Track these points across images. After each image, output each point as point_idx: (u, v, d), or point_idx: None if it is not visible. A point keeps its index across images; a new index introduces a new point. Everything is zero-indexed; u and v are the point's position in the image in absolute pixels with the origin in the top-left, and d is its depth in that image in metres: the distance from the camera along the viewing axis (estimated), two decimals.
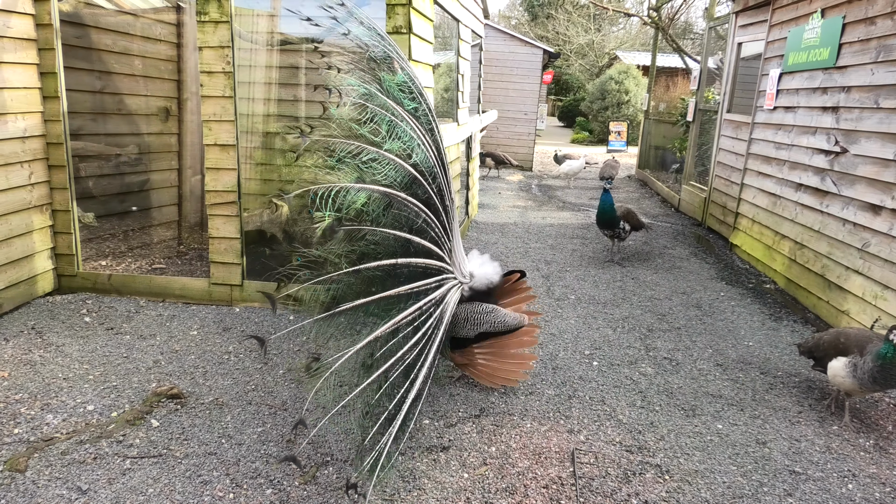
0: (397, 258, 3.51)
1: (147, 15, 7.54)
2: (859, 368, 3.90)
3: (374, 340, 3.32)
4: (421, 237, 3.67)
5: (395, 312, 3.48)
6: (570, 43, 35.11)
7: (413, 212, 3.61)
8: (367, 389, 3.21)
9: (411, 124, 3.71)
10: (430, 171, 3.78)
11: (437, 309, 3.75)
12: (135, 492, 3.18)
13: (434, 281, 3.77)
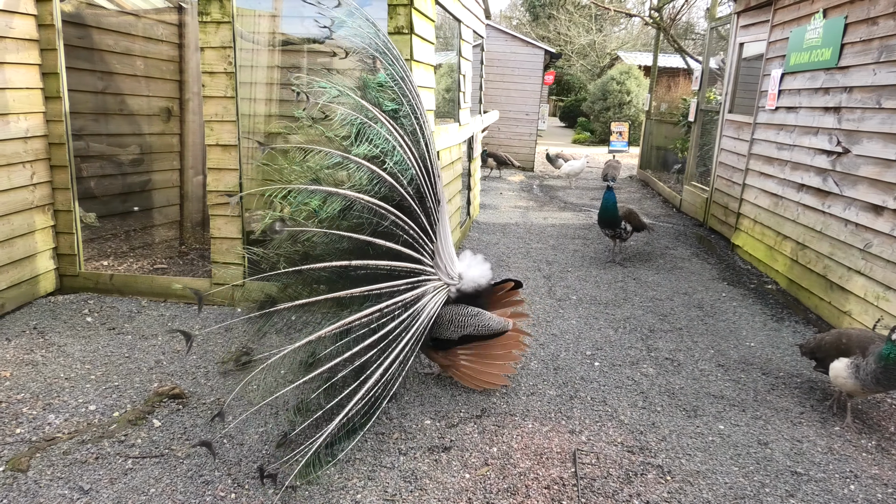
0: (351, 260, 3.50)
1: (149, 15, 7.55)
2: (861, 370, 3.89)
3: (316, 340, 3.33)
4: (388, 240, 3.68)
5: (348, 314, 3.47)
6: (572, 43, 35.11)
7: (380, 214, 3.62)
8: (303, 387, 3.26)
9: (388, 126, 3.71)
10: (407, 174, 3.78)
11: (405, 311, 3.76)
12: (137, 492, 3.18)
13: (405, 283, 3.77)
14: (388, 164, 3.69)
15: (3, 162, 5.12)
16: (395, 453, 3.59)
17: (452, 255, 4.24)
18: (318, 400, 3.34)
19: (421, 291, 3.90)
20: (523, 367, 4.72)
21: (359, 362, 3.48)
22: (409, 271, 3.82)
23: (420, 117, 4.01)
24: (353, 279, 3.57)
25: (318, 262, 3.42)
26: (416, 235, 3.86)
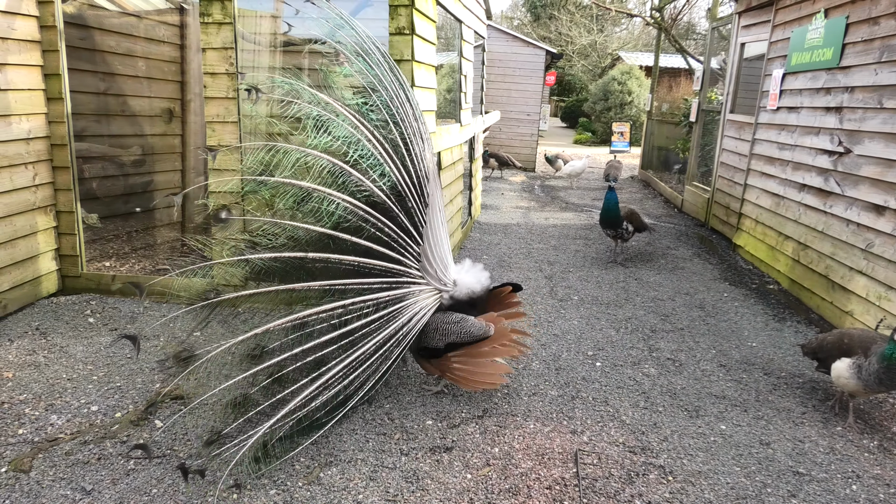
0: (308, 252, 3.48)
1: (150, 16, 7.56)
2: (864, 370, 3.89)
3: (263, 333, 3.31)
4: (355, 235, 3.66)
5: (303, 308, 3.46)
6: (573, 44, 35.10)
7: (343, 208, 3.62)
8: (242, 382, 3.25)
9: (352, 120, 3.72)
10: (377, 170, 3.78)
11: (377, 311, 3.74)
12: (139, 492, 3.18)
13: (379, 282, 3.75)
14: (355, 157, 3.70)
15: (6, 163, 5.13)
16: (397, 454, 3.59)
17: (446, 260, 4.18)
18: (259, 395, 3.31)
19: (401, 293, 3.86)
20: (524, 368, 4.72)
21: (313, 357, 3.46)
22: (384, 270, 3.79)
23: (399, 110, 3.99)
24: (311, 272, 3.55)
25: (268, 252, 3.41)
26: (393, 235, 3.84)
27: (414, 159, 4.04)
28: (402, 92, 4.13)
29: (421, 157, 4.11)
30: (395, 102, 4.02)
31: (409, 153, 4.01)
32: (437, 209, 4.19)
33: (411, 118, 4.11)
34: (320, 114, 3.67)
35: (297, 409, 3.39)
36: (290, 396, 3.35)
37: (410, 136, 4.05)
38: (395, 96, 4.03)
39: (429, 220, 4.05)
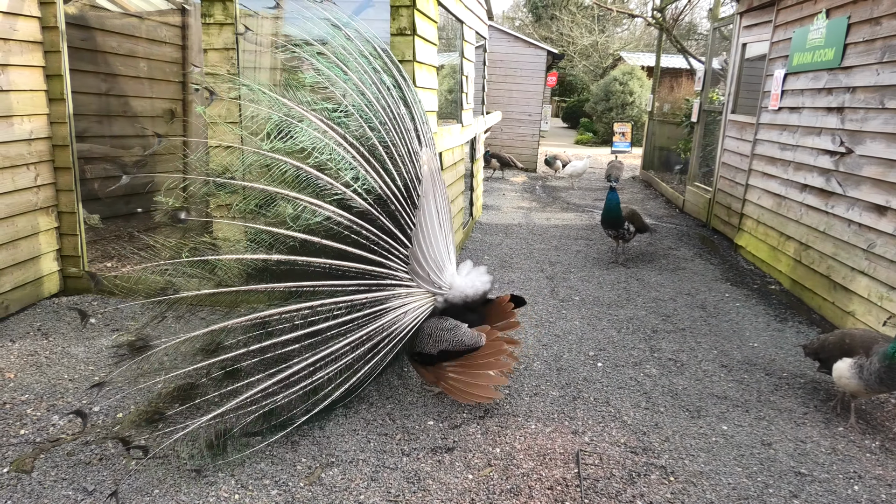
0: (272, 255, 3.52)
1: (152, 17, 7.57)
2: (865, 369, 3.88)
3: (220, 330, 3.38)
4: (326, 238, 3.68)
5: (265, 308, 3.51)
6: (574, 44, 35.10)
7: (311, 211, 3.64)
8: (193, 372, 3.33)
9: (318, 124, 3.76)
10: (349, 173, 3.79)
11: (350, 313, 3.74)
12: (140, 493, 3.18)
13: (355, 284, 3.74)
14: (320, 161, 3.72)
15: (7, 164, 5.14)
16: (399, 454, 3.59)
17: (441, 263, 4.12)
18: (210, 386, 3.38)
19: (384, 295, 3.84)
20: (526, 368, 4.72)
21: (274, 354, 3.50)
22: (361, 273, 3.78)
23: (378, 117, 4.00)
24: (275, 274, 3.58)
25: (228, 255, 3.46)
26: (373, 237, 3.84)
27: (399, 162, 4.04)
28: (390, 94, 4.15)
29: (409, 160, 4.10)
30: (379, 105, 4.04)
31: (392, 156, 4.02)
32: (433, 211, 4.15)
33: (398, 120, 4.12)
34: (281, 118, 3.70)
35: (256, 403, 3.44)
36: (244, 389, 3.40)
37: (395, 139, 4.05)
38: (377, 100, 4.05)
39: (420, 222, 4.02)
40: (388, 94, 4.16)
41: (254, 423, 3.51)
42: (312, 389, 3.68)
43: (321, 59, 3.95)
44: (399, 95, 4.25)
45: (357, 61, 4.11)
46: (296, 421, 3.64)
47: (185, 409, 3.30)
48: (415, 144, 4.21)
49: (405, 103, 4.31)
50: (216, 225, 3.57)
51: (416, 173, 4.11)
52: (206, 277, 3.43)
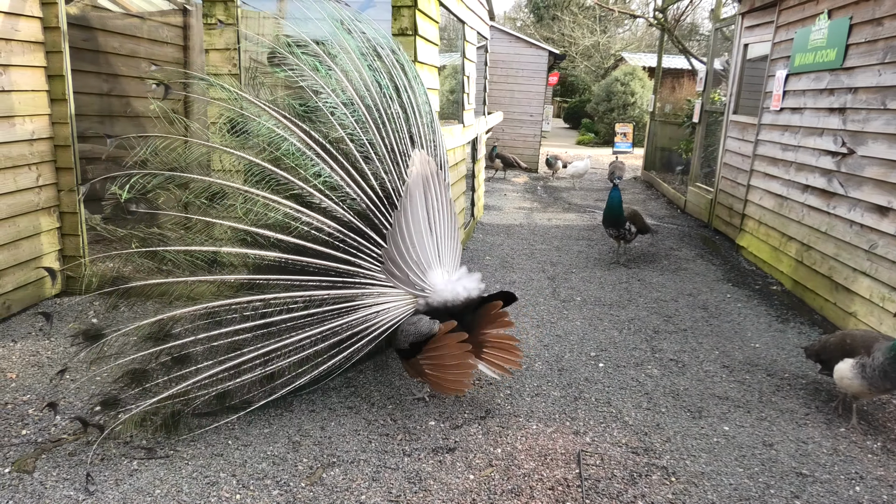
0: (222, 247, 3.60)
1: (154, 18, 7.58)
2: (868, 367, 3.86)
3: (168, 319, 3.51)
4: (282, 233, 3.73)
5: (213, 298, 3.60)
6: (576, 44, 35.10)
7: (266, 206, 3.71)
8: (142, 358, 3.48)
9: (280, 121, 3.83)
10: (311, 170, 3.84)
11: (308, 307, 3.76)
12: (142, 493, 3.19)
13: (316, 280, 3.77)
14: (277, 155, 3.80)
15: (9, 164, 5.14)
16: (400, 454, 3.59)
17: (424, 265, 4.04)
18: (159, 371, 3.51)
19: (351, 293, 3.83)
20: (527, 368, 4.72)
21: (224, 342, 3.60)
22: (323, 269, 3.80)
23: (354, 114, 4.04)
24: (225, 266, 3.67)
25: (177, 245, 3.54)
26: (338, 234, 3.85)
27: (377, 162, 4.05)
28: (381, 95, 4.19)
29: (392, 160, 4.10)
30: (363, 104, 4.08)
31: (368, 155, 4.04)
32: (421, 213, 4.10)
33: (383, 121, 4.14)
34: (237, 112, 3.82)
35: (205, 388, 3.56)
36: (191, 374, 3.51)
37: (375, 139, 4.07)
38: (362, 99, 4.09)
39: (399, 223, 3.99)
40: (376, 94, 4.19)
41: (206, 405, 3.70)
42: (269, 376, 3.75)
43: (300, 57, 4.06)
44: (392, 96, 4.27)
45: (347, 59, 4.17)
46: (254, 404, 3.75)
47: (138, 392, 3.47)
48: (403, 145, 4.20)
49: (401, 104, 4.31)
50: (172, 218, 3.63)
51: (398, 174, 4.10)
52: (155, 269, 3.53)
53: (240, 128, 3.80)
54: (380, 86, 4.25)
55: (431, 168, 4.34)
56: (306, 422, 3.88)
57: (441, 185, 4.37)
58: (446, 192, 4.39)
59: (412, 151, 4.23)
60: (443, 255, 4.21)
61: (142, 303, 3.59)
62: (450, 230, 4.34)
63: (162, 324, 3.52)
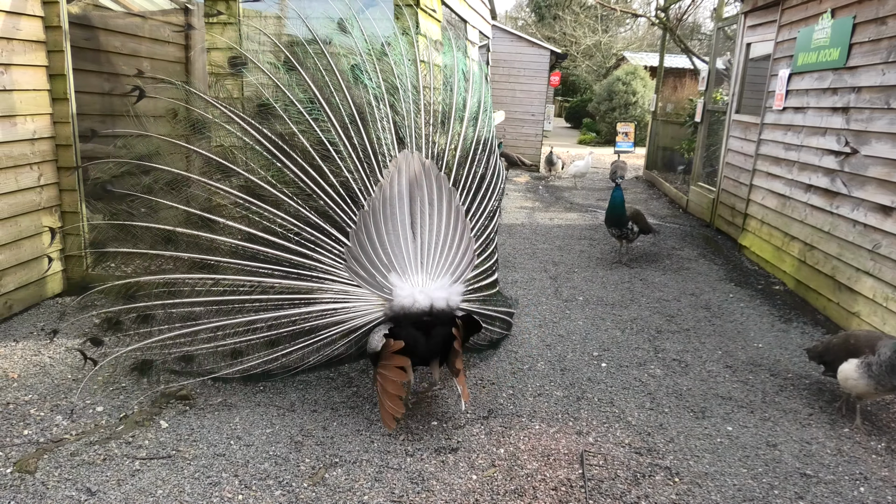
0: (177, 227, 3.94)
1: (155, 17, 7.57)
2: (875, 365, 3.84)
3: (132, 284, 3.95)
4: (230, 220, 3.97)
5: (172, 272, 3.98)
6: (578, 44, 35.07)
7: (214, 192, 3.99)
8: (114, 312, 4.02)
9: (228, 116, 4.08)
10: (257, 161, 4.04)
11: (263, 294, 3.91)
12: (144, 493, 3.18)
13: (268, 268, 3.90)
14: (225, 149, 4.07)
15: (11, 164, 5.14)
16: (402, 454, 3.58)
17: (390, 267, 3.93)
18: (132, 325, 4.03)
19: (307, 286, 3.91)
20: (530, 368, 4.71)
21: (180, 311, 3.95)
22: (275, 258, 3.92)
23: (310, 116, 4.13)
24: (178, 244, 3.98)
25: (142, 222, 3.93)
26: (291, 227, 3.96)
27: (339, 161, 4.08)
28: (344, 93, 4.23)
29: (361, 161, 4.11)
30: (329, 107, 4.14)
31: (327, 155, 4.08)
32: (397, 214, 4.03)
33: (349, 123, 4.15)
34: (199, 113, 4.12)
35: (166, 346, 3.97)
36: (155, 332, 3.93)
37: (337, 139, 4.10)
38: (327, 102, 4.15)
39: (367, 221, 3.99)
40: (350, 95, 4.21)
41: (174, 363, 4.14)
42: (232, 352, 4.05)
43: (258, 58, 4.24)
44: (382, 96, 4.31)
45: (323, 61, 4.25)
46: (218, 373, 4.09)
47: (115, 339, 4.11)
48: (378, 146, 4.19)
49: (392, 106, 4.32)
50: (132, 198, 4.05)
51: (368, 174, 4.11)
52: (124, 240, 3.96)
53: (198, 124, 4.12)
54: (365, 87, 4.27)
55: (427, 171, 4.26)
56: (308, 422, 3.87)
57: (441, 189, 4.26)
58: (450, 197, 4.29)
59: (395, 152, 4.22)
60: (429, 261, 4.03)
61: (118, 266, 4.09)
62: (450, 237, 4.17)
63: (128, 286, 3.93)
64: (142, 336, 3.96)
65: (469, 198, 4.49)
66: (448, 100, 4.64)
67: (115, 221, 3.96)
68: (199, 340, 3.97)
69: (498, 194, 4.85)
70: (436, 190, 4.26)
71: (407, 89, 4.43)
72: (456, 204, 4.32)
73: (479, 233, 4.48)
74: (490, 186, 4.74)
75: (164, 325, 3.95)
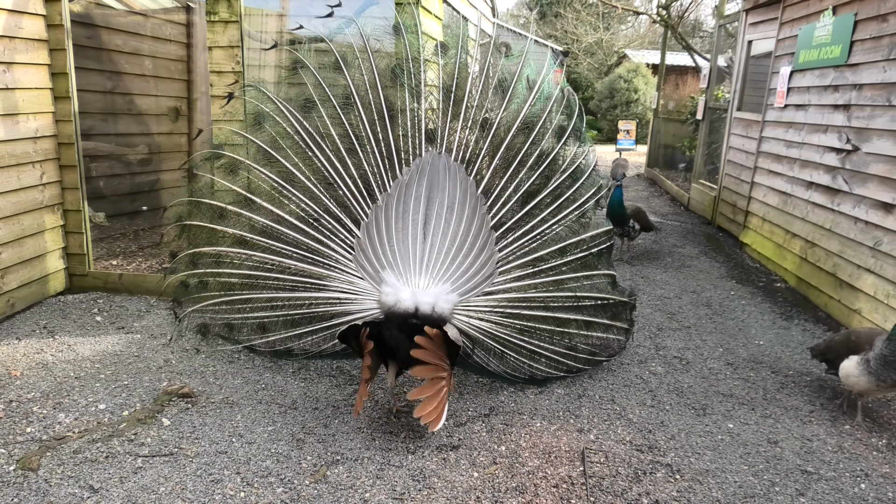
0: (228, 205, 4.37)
1: (157, 15, 7.58)
2: (872, 360, 3.85)
3: (197, 252, 4.39)
4: (267, 201, 4.28)
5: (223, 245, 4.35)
6: (579, 42, 35.02)
7: (256, 175, 4.35)
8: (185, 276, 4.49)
9: (281, 112, 4.35)
10: (300, 152, 4.30)
11: (283, 273, 4.13)
12: (146, 490, 3.19)
13: (288, 249, 4.11)
14: (273, 137, 4.36)
15: (13, 162, 5.15)
16: (404, 452, 3.59)
17: (388, 262, 3.90)
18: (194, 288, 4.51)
19: (318, 272, 4.02)
20: None
21: (221, 280, 4.37)
22: (295, 241, 4.12)
23: (350, 113, 4.33)
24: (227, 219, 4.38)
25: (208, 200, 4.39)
26: (312, 213, 4.14)
27: (361, 155, 4.23)
28: (378, 91, 4.36)
29: (381, 158, 4.21)
30: (361, 103, 4.30)
31: (352, 148, 4.25)
32: (415, 212, 4.01)
33: (378, 119, 4.28)
34: (262, 111, 4.46)
35: (216, 312, 4.48)
36: (207, 297, 4.39)
37: (368, 134, 4.24)
38: (360, 98, 4.31)
39: (378, 216, 4.05)
40: (383, 93, 4.31)
41: (222, 329, 4.65)
42: (260, 325, 4.41)
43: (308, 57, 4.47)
44: (416, 96, 4.36)
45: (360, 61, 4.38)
46: (243, 343, 4.62)
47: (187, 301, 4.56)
48: (405, 144, 4.25)
49: (425, 106, 4.35)
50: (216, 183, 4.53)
51: (386, 169, 4.21)
52: (195, 215, 4.40)
53: (259, 121, 4.49)
54: (402, 86, 4.35)
55: (453, 174, 4.15)
56: (310, 419, 3.88)
57: (466, 195, 4.13)
58: (475, 205, 4.12)
59: (421, 152, 4.25)
60: (434, 265, 3.90)
61: (195, 237, 4.47)
62: (465, 245, 3.98)
63: (194, 255, 4.38)
64: (200, 299, 4.41)
65: (506, 211, 4.19)
66: (498, 106, 4.39)
67: (192, 198, 4.41)
68: (234, 310, 4.40)
69: (565, 220, 4.33)
70: (459, 195, 4.12)
71: (450, 90, 4.35)
72: (481, 213, 4.13)
73: (521, 253, 4.15)
74: (547, 207, 4.29)
75: (213, 292, 4.38)
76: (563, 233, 4.36)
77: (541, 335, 4.22)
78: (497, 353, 4.18)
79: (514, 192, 4.24)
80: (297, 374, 4.48)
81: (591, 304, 4.38)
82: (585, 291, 4.34)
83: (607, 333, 4.58)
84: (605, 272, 4.50)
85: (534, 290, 4.16)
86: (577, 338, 4.40)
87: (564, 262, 4.28)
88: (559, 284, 4.25)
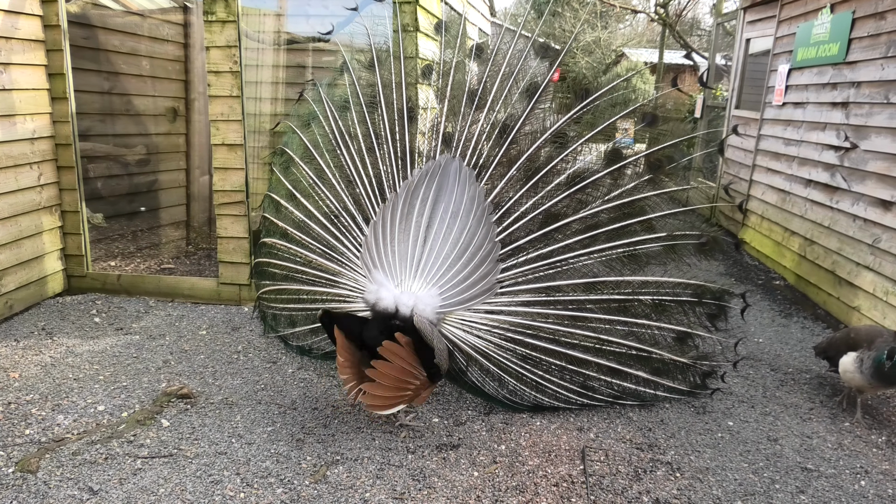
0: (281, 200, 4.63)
1: (154, 15, 7.56)
2: (864, 363, 3.88)
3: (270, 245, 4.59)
4: (301, 194, 4.47)
5: (270, 236, 4.63)
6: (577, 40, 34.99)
7: (299, 170, 4.57)
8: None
9: (325, 114, 4.58)
10: (332, 153, 4.47)
11: (307, 267, 4.26)
12: (146, 492, 3.18)
13: (312, 243, 4.25)
14: (315, 137, 4.55)
15: (10, 163, 5.14)
16: (404, 451, 3.58)
17: (379, 260, 3.86)
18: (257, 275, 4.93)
19: (332, 267, 4.10)
20: None
21: (273, 270, 4.58)
22: (317, 236, 4.25)
23: (372, 114, 4.46)
24: (280, 211, 4.63)
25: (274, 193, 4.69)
26: (333, 208, 4.25)
27: (377, 153, 4.32)
28: (402, 91, 4.45)
29: (396, 158, 4.26)
30: (382, 104, 4.40)
31: (371, 147, 4.35)
32: (419, 214, 3.95)
33: (394, 116, 4.38)
34: (313, 111, 4.69)
35: (272, 301, 4.74)
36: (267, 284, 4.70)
37: (385, 134, 4.34)
38: (385, 98, 4.43)
39: (385, 215, 4.01)
40: (407, 93, 4.43)
41: (269, 318, 4.97)
42: (290, 320, 4.64)
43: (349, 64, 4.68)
44: (438, 97, 4.48)
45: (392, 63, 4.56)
46: (280, 334, 4.89)
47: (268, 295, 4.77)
48: (419, 145, 4.32)
49: (445, 110, 4.39)
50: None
51: (398, 169, 4.24)
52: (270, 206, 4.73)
53: (309, 122, 4.73)
54: (429, 84, 4.56)
55: (463, 180, 4.03)
56: (310, 420, 3.88)
57: (474, 202, 3.96)
58: (481, 214, 3.93)
59: (435, 155, 4.24)
60: (429, 268, 3.78)
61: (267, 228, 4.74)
62: (465, 254, 3.81)
63: (269, 245, 4.59)
64: (262, 285, 4.75)
65: (519, 226, 3.96)
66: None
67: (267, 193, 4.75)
68: (279, 300, 4.63)
69: (601, 255, 4.06)
70: (466, 201, 3.96)
71: (475, 95, 4.29)
72: (487, 222, 3.93)
73: (533, 277, 3.90)
74: (573, 230, 4.00)
75: (269, 280, 4.64)
76: (595, 268, 4.01)
77: (548, 367, 3.89)
78: (494, 376, 3.92)
79: (533, 208, 3.96)
80: (296, 374, 4.48)
81: (624, 352, 3.96)
82: (617, 337, 3.91)
83: (644, 388, 4.11)
84: (675, 329, 4.07)
85: (543, 319, 3.83)
86: (596, 381, 4.01)
87: (590, 300, 3.91)
88: (578, 321, 3.88)
